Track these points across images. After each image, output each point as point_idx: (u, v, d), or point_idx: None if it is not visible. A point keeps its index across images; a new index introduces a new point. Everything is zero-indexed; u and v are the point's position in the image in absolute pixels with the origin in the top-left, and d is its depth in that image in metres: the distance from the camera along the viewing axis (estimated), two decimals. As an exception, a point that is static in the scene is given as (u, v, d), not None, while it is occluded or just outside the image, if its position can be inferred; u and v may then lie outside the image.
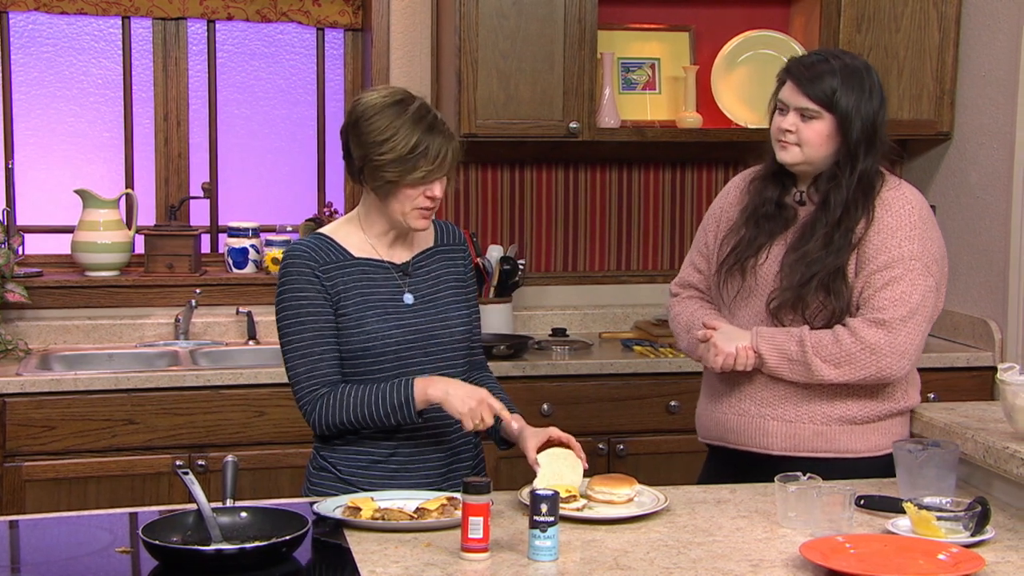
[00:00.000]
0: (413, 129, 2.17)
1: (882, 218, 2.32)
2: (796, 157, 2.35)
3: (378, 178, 2.20)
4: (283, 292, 2.24)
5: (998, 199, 3.57)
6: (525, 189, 3.92)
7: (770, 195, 2.41)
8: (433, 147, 2.18)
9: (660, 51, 3.89)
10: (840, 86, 2.30)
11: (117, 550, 1.97)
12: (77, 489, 3.20)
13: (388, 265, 2.29)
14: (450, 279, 2.35)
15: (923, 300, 2.30)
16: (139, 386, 3.23)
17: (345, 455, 2.28)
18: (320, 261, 2.24)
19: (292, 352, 2.23)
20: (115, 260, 3.72)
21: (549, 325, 3.89)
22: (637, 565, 1.90)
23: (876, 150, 2.34)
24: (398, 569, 1.86)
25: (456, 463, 2.33)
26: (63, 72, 3.83)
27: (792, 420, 2.37)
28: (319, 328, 2.21)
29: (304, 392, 2.22)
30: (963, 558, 1.87)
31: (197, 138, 3.90)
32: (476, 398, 2.16)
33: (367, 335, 2.22)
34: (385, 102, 2.21)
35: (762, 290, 2.39)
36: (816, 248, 2.31)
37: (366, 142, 2.19)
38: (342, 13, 3.90)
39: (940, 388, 3.52)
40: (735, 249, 2.42)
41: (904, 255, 2.29)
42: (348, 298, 2.23)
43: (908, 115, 3.75)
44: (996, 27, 3.59)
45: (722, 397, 2.45)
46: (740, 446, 2.43)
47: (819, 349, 2.29)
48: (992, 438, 2.22)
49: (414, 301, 2.28)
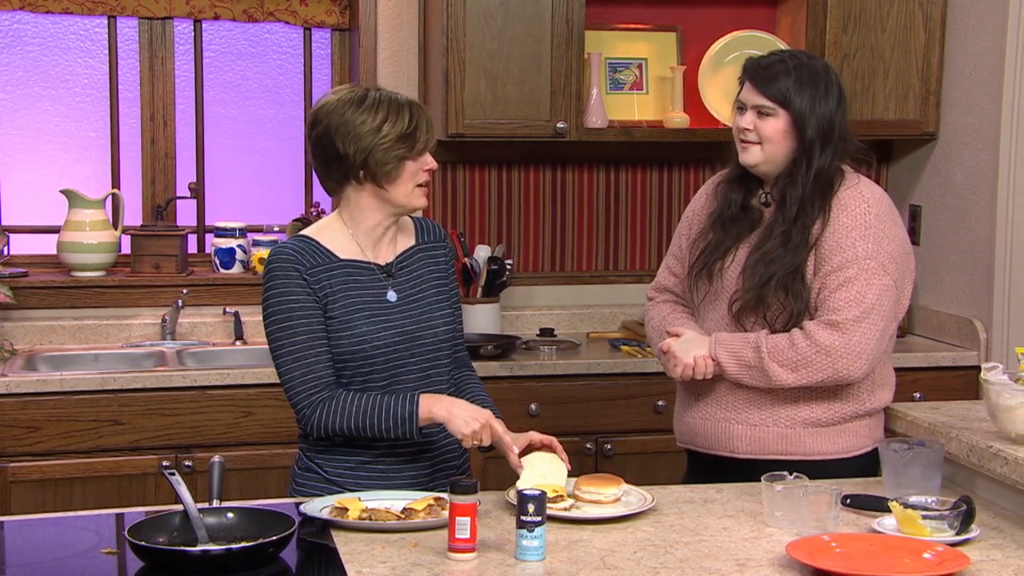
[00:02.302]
0: (393, 107, 2.23)
1: (837, 218, 2.33)
2: (756, 157, 2.37)
3: (389, 160, 2.21)
4: (271, 296, 2.23)
5: (983, 199, 3.59)
6: (512, 189, 3.92)
7: (735, 198, 2.43)
8: (419, 116, 2.24)
9: (647, 51, 3.90)
10: (794, 83, 2.33)
11: (103, 551, 1.96)
12: (63, 490, 3.19)
13: (373, 266, 2.29)
14: (432, 278, 2.35)
15: (879, 300, 2.30)
16: (125, 387, 3.22)
17: (332, 456, 2.27)
18: (307, 264, 2.23)
19: (285, 356, 2.21)
20: (101, 260, 3.71)
21: (537, 325, 3.89)
22: (624, 565, 1.90)
23: (833, 147, 2.35)
24: (385, 569, 1.86)
25: (442, 465, 2.33)
26: (48, 72, 3.82)
27: (756, 424, 2.39)
28: (311, 331, 2.21)
29: (302, 396, 2.21)
30: (948, 556, 1.88)
31: (184, 138, 3.89)
32: (480, 421, 2.16)
33: (356, 338, 2.22)
34: (352, 97, 2.24)
35: (727, 293, 2.41)
36: (775, 247, 2.33)
37: (362, 132, 2.21)
38: (329, 13, 3.89)
39: (926, 387, 3.54)
40: (703, 253, 2.45)
41: (859, 255, 2.30)
42: (335, 300, 2.23)
43: (894, 115, 3.77)
44: (981, 28, 3.61)
45: (692, 402, 2.47)
46: (708, 450, 2.46)
47: (775, 354, 2.30)
48: (976, 437, 2.23)
49: (397, 299, 2.28)
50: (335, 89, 2.31)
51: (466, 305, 3.73)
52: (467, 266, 3.73)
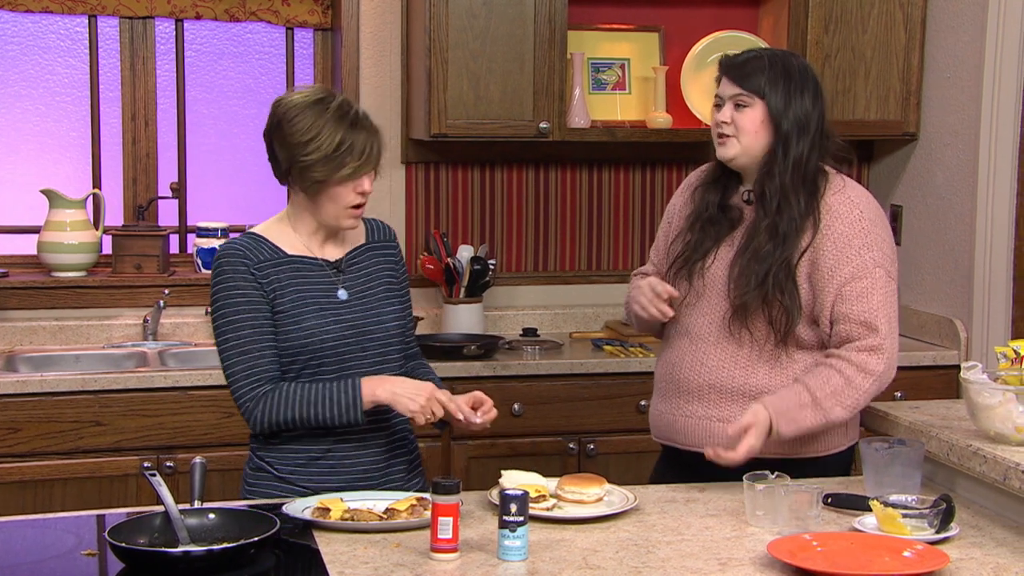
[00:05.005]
0: (337, 127, 2.19)
1: (832, 226, 2.34)
2: (734, 150, 2.38)
3: (306, 178, 2.22)
4: (218, 291, 2.24)
5: (964, 199, 3.61)
6: (495, 189, 3.92)
7: (712, 199, 2.44)
8: (358, 143, 2.20)
9: (630, 51, 3.90)
10: (769, 76, 2.35)
11: (83, 553, 1.95)
12: (43, 492, 3.18)
13: (322, 262, 2.31)
14: (383, 275, 2.37)
15: (894, 307, 2.34)
16: (106, 387, 3.20)
17: (281, 454, 2.28)
18: (254, 259, 2.25)
19: (230, 350, 2.23)
20: (82, 261, 3.69)
21: (520, 325, 3.89)
22: (606, 564, 1.90)
23: (811, 139, 2.36)
24: (367, 570, 1.86)
25: (396, 449, 2.34)
26: (28, 71, 3.80)
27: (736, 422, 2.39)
28: (257, 325, 2.22)
29: (244, 389, 2.22)
30: (928, 555, 1.89)
31: (165, 138, 3.88)
32: (424, 394, 2.17)
33: (305, 332, 2.23)
34: (306, 101, 2.23)
35: (711, 291, 2.41)
36: (764, 242, 2.34)
37: (291, 143, 2.21)
38: (311, 13, 3.88)
39: (906, 387, 3.55)
40: (681, 254, 2.45)
41: (867, 264, 2.31)
42: (284, 295, 2.24)
43: (875, 115, 3.78)
44: (960, 28, 3.63)
45: (671, 398, 2.48)
46: (687, 447, 2.46)
47: (834, 397, 2.29)
48: (956, 436, 2.24)
49: (348, 297, 2.30)
50: (309, 87, 2.30)
51: (449, 305, 3.73)
52: (450, 266, 3.73)
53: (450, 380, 3.39)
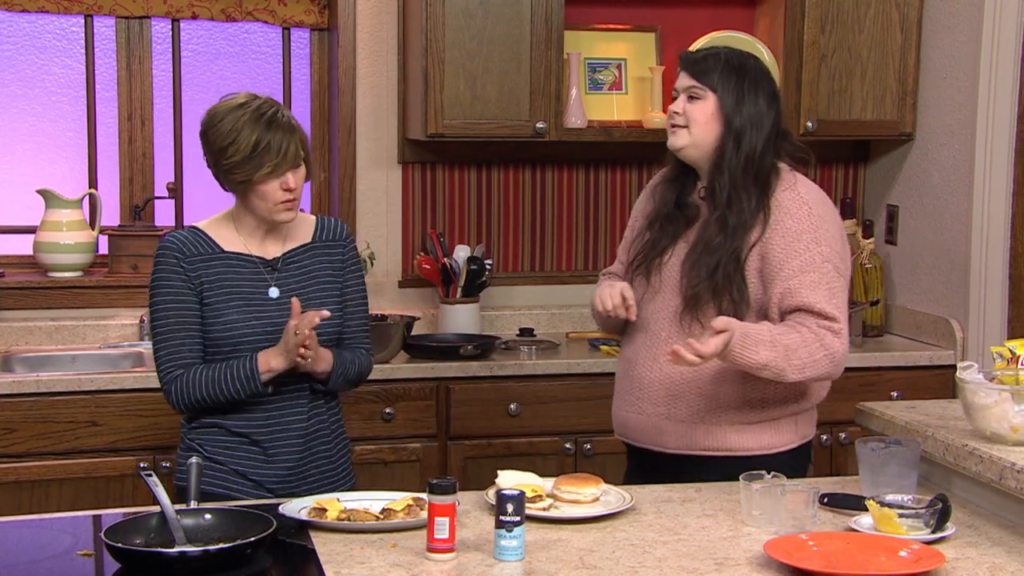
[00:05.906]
0: (253, 128, 2.30)
1: (781, 220, 2.35)
2: (683, 140, 2.41)
3: (232, 180, 2.34)
4: (152, 281, 2.38)
5: (960, 199, 3.61)
6: (492, 189, 3.92)
7: (669, 197, 2.48)
8: (275, 142, 2.30)
9: (626, 51, 3.90)
10: (722, 71, 2.40)
11: (79, 553, 1.95)
12: (39, 492, 3.17)
13: (256, 260, 2.39)
14: (322, 275, 2.43)
15: (844, 302, 2.35)
16: (102, 387, 3.20)
17: (207, 435, 2.38)
18: (186, 253, 2.36)
19: (157, 337, 2.37)
20: (78, 261, 3.69)
21: (516, 325, 3.89)
22: (603, 564, 1.90)
23: (765, 137, 2.38)
24: (364, 570, 1.86)
25: (317, 409, 2.41)
26: (25, 71, 3.79)
27: (684, 420, 2.41)
28: (180, 315, 2.34)
29: (163, 373, 2.37)
30: (924, 555, 1.89)
31: (162, 138, 3.87)
32: (289, 344, 2.26)
33: (226, 326, 2.33)
34: (228, 107, 2.34)
35: (667, 287, 2.44)
36: (714, 234, 2.37)
37: (214, 148, 2.34)
38: (308, 12, 3.88)
39: (902, 386, 3.56)
40: (640, 252, 2.49)
41: (815, 259, 2.32)
42: (211, 290, 2.35)
43: (871, 115, 3.79)
44: (956, 29, 3.63)
45: (625, 396, 2.50)
46: (641, 444, 2.49)
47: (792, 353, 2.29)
48: (952, 436, 2.24)
49: (279, 295, 2.37)
50: (235, 94, 2.38)
51: (445, 305, 3.73)
52: (446, 266, 3.73)
53: (447, 380, 3.40)
